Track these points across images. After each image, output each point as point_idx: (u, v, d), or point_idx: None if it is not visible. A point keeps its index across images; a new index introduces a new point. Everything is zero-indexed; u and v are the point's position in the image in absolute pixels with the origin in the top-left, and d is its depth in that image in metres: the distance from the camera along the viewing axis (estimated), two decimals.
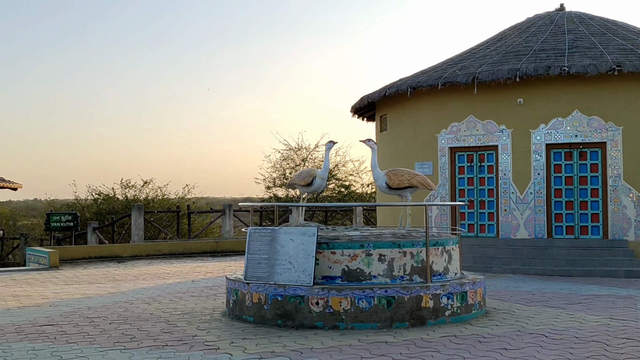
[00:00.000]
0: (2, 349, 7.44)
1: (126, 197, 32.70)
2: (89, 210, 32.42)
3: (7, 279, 14.69)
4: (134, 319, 9.33)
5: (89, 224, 25.44)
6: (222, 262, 18.41)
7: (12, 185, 27.30)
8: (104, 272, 15.98)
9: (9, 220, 39.28)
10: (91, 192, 33.76)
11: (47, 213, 27.30)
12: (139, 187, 33.47)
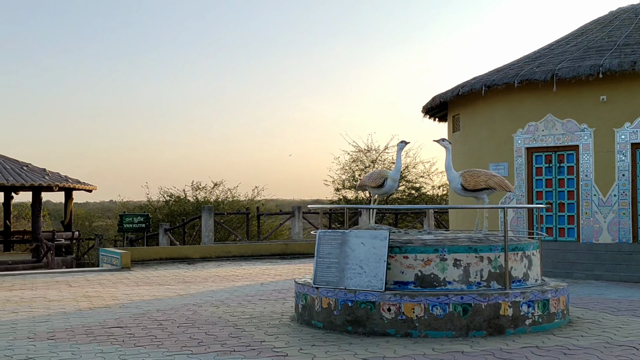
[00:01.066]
0: (71, 351, 7.39)
1: (197, 199, 33.07)
2: (161, 212, 32.94)
3: (81, 279, 14.88)
4: (202, 322, 9.19)
5: (160, 225, 25.76)
6: (291, 265, 18.24)
7: (88, 187, 27.92)
8: (174, 274, 16.02)
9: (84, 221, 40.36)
10: (163, 194, 34.33)
11: (120, 214, 27.84)
12: (209, 189, 33.84)
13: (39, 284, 14.10)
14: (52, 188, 25.99)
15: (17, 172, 25.90)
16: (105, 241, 31.11)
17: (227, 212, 28.75)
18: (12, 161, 27.27)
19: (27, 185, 25.26)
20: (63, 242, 26.64)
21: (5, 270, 20.38)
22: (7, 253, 28.44)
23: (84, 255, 31.33)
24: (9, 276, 15.82)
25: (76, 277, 15.58)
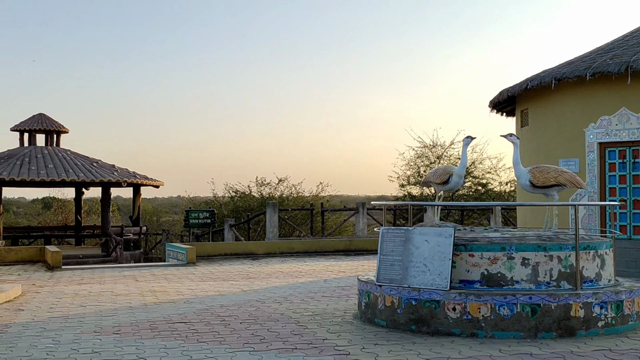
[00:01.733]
0: (135, 346, 7.46)
1: (261, 195, 33.30)
2: (226, 208, 33.30)
3: (147, 274, 15.12)
4: (264, 319, 9.17)
5: (225, 221, 26.02)
6: (355, 261, 18.13)
7: (155, 183, 28.42)
8: (239, 269, 16.11)
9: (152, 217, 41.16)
10: (228, 190, 34.70)
11: (186, 210, 28.24)
12: (274, 185, 34.03)
13: (107, 278, 14.40)
14: (120, 184, 26.57)
15: (88, 168, 26.57)
16: (172, 236, 31.63)
17: (291, 208, 28.83)
18: (82, 158, 27.99)
19: (97, 181, 25.89)
20: (131, 236, 27.21)
21: (76, 264, 20.93)
22: (78, 247, 29.25)
23: (152, 250, 31.95)
24: (79, 270, 16.21)
25: (143, 271, 15.84)
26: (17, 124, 28.33)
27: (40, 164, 26.03)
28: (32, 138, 28.23)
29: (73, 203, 33.43)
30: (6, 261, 17.66)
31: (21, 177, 24.50)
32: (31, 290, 12.33)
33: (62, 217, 38.92)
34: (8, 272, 15.60)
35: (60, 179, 25.17)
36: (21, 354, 7.08)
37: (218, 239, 27.75)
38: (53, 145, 28.44)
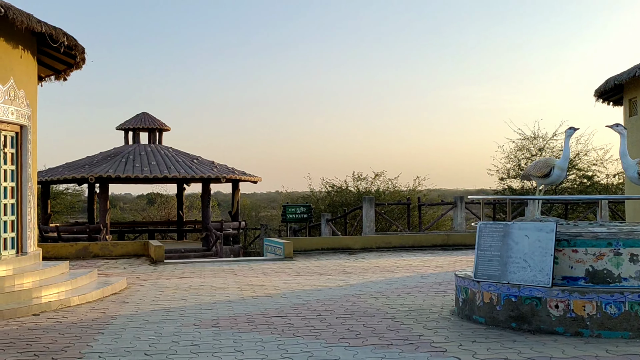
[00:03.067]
0: (233, 339, 7.57)
1: (358, 190, 33.28)
2: (323, 202, 33.47)
3: (246, 269, 15.37)
4: (360, 314, 9.12)
5: (322, 216, 26.16)
6: (453, 256, 17.81)
7: (253, 179, 28.90)
8: (335, 264, 16.14)
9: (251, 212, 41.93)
10: (325, 185, 34.86)
11: (283, 205, 28.56)
12: (370, 179, 33.93)
13: (207, 272, 14.74)
14: (220, 180, 27.17)
15: (188, 165, 27.31)
16: (270, 231, 32.12)
17: (388, 202, 28.65)
18: (183, 154, 28.81)
19: (197, 177, 26.58)
20: (231, 231, 27.78)
21: (178, 258, 21.57)
22: (180, 242, 30.15)
23: (250, 244, 32.54)
24: (181, 264, 16.68)
25: (241, 265, 16.13)
26: (122, 123, 29.47)
27: (144, 161, 26.97)
28: (136, 136, 29.28)
29: (175, 199, 34.48)
30: (113, 255, 18.40)
31: (126, 174, 25.46)
32: (135, 283, 12.77)
33: (165, 213, 40.25)
34: (114, 265, 16.24)
35: (162, 175, 26.00)
36: (125, 345, 7.32)
37: (315, 233, 27.94)
38: (156, 142, 29.40)
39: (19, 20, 10.88)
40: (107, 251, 18.49)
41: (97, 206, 27.92)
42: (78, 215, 41.54)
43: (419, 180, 34.23)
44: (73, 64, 13.97)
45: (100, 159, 27.69)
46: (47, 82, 15.12)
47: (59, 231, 25.09)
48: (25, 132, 12.37)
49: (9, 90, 11.70)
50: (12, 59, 11.82)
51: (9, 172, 12.04)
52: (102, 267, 15.63)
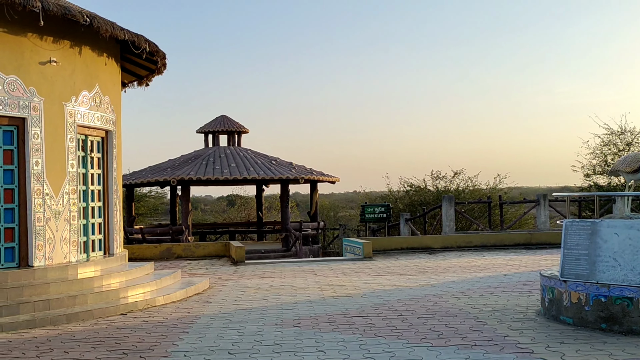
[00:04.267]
0: (315, 339, 7.59)
1: (437, 189, 32.90)
2: (402, 202, 33.23)
3: (325, 269, 15.40)
4: (442, 314, 8.98)
5: (401, 215, 25.95)
6: (537, 256, 17.35)
7: (331, 179, 28.96)
8: (415, 264, 15.98)
9: (329, 212, 42.02)
10: (403, 184, 34.61)
11: (362, 205, 28.51)
12: (449, 178, 33.48)
13: (287, 272, 14.84)
14: (298, 180, 27.33)
15: (267, 166, 27.60)
16: (349, 231, 32.11)
17: (467, 201, 28.19)
18: (262, 156, 29.14)
19: (276, 178, 26.82)
20: (310, 232, 27.91)
21: (258, 258, 21.82)
22: (260, 242, 30.50)
23: (329, 244, 32.60)
24: (261, 264, 16.86)
25: (321, 265, 16.17)
26: (202, 126, 30.04)
27: (224, 163, 27.41)
28: (216, 139, 29.79)
29: (254, 200, 34.91)
30: (195, 256, 18.78)
31: (207, 176, 25.94)
32: (217, 283, 12.97)
33: (245, 214, 40.80)
34: (197, 266, 16.56)
35: (242, 177, 26.35)
36: (209, 344, 7.43)
37: (394, 233, 27.77)
38: (235, 145, 29.84)
39: (104, 28, 11.22)
40: (189, 252, 18.88)
41: (179, 208, 28.55)
42: (161, 217, 42.63)
43: (499, 178, 33.54)
44: (155, 69, 14.32)
45: (181, 162, 28.31)
46: (130, 87, 15.57)
47: (143, 233, 25.79)
48: (110, 137, 12.76)
49: (95, 97, 12.09)
50: (97, 66, 12.21)
51: (95, 176, 12.44)
52: (185, 267, 15.96)
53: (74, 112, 11.52)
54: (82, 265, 11.35)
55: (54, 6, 10.22)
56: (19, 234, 10.68)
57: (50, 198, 10.96)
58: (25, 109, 10.63)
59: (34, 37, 10.74)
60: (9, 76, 10.40)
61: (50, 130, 11.00)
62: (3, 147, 10.57)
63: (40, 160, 10.83)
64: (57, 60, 11.07)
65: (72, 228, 11.41)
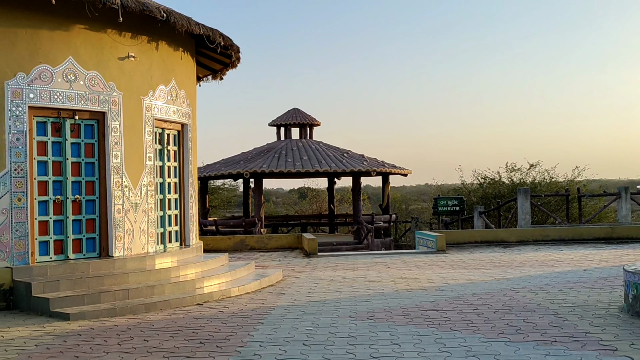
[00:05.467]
0: (389, 332, 7.53)
1: (512, 181, 32.25)
2: (475, 195, 32.73)
3: (398, 262, 15.29)
4: (519, 309, 8.77)
5: (475, 208, 25.56)
6: (618, 250, 16.78)
7: (403, 172, 28.74)
8: (490, 257, 15.69)
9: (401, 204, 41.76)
10: (476, 177, 34.08)
11: (434, 197, 28.21)
12: (524, 170, 32.77)
13: (359, 264, 14.80)
14: (370, 173, 27.23)
15: (339, 159, 27.61)
16: (421, 224, 31.83)
17: (544, 194, 27.51)
18: (333, 149, 29.16)
19: (348, 171, 26.79)
20: (381, 224, 27.80)
21: (330, 251, 21.87)
22: (332, 235, 30.57)
23: (401, 237, 32.40)
24: (333, 257, 16.87)
25: (393, 258, 16.06)
26: (274, 119, 30.28)
27: (296, 156, 27.57)
28: (288, 132, 29.98)
29: (326, 192, 35.00)
30: (268, 248, 18.96)
31: (279, 169, 26.15)
32: (290, 275, 13.05)
33: (317, 206, 40.97)
34: (270, 258, 16.71)
35: (314, 169, 26.44)
36: (284, 335, 7.47)
37: (467, 226, 27.37)
38: (306, 137, 29.97)
39: (180, 24, 11.41)
40: (262, 244, 19.07)
41: (251, 200, 28.89)
42: (234, 209, 43.27)
43: (578, 170, 32.64)
44: (229, 63, 14.49)
45: (254, 155, 28.62)
46: (204, 81, 15.81)
47: (217, 225, 26.22)
48: (186, 130, 12.99)
49: (171, 91, 12.32)
50: (173, 61, 12.43)
51: (172, 169, 12.69)
52: (258, 259, 16.13)
53: (151, 106, 11.77)
54: (160, 256, 11.60)
55: (132, 3, 10.45)
56: (99, 225, 11.01)
57: (129, 190, 11.24)
58: (105, 104, 10.93)
59: (113, 33, 11.01)
60: (90, 72, 10.70)
61: (128, 123, 11.27)
62: (84, 140, 10.90)
63: (120, 153, 11.11)
64: (135, 55, 11.33)
65: (150, 219, 11.67)
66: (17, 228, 9.91)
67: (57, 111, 10.46)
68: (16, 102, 9.93)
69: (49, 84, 10.24)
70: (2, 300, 9.48)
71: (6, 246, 9.80)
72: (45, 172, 10.45)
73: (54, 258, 10.53)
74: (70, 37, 10.48)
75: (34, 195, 10.24)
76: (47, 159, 10.47)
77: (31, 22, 10.08)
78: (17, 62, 9.94)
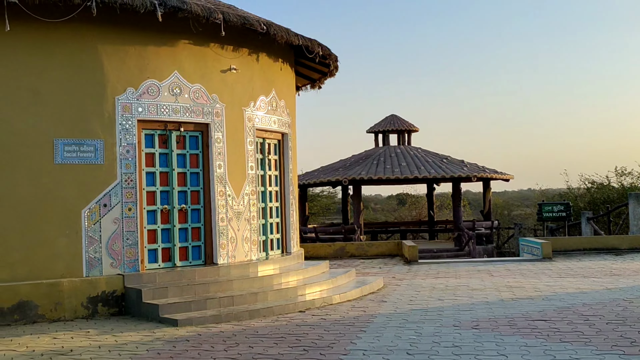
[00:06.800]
0: (495, 342, 7.35)
1: (622, 185, 30.90)
2: (582, 200, 31.57)
3: (502, 269, 14.93)
4: (634, 320, 8.37)
5: (582, 214, 24.66)
6: None
7: (505, 177, 28.09)
8: (600, 265, 15.07)
9: (503, 210, 40.78)
10: (583, 181, 32.88)
11: (538, 203, 27.40)
12: (636, 174, 31.34)
13: (461, 272, 14.55)
14: (470, 179, 26.75)
15: (438, 164, 27.27)
16: (525, 230, 30.94)
17: None
18: (432, 154, 28.83)
19: (447, 176, 26.42)
20: (483, 231, 27.22)
21: (431, 258, 21.59)
22: (432, 241, 30.21)
23: (504, 244, 31.63)
24: (434, 264, 16.66)
25: (497, 266, 15.69)
26: (372, 126, 30.25)
27: (394, 162, 27.43)
28: (386, 138, 29.87)
29: (425, 199, 34.65)
30: (368, 255, 18.92)
31: (378, 176, 26.08)
32: (391, 282, 12.97)
33: (416, 213, 40.62)
34: (370, 265, 16.68)
35: (412, 176, 26.23)
36: (387, 344, 7.42)
37: (574, 233, 26.42)
38: (404, 144, 29.77)
39: (279, 35, 11.60)
40: (362, 251, 19.06)
41: (350, 207, 28.95)
42: (333, 216, 43.51)
43: None
44: (327, 72, 14.61)
45: (352, 162, 28.68)
46: (303, 91, 16.00)
47: (317, 232, 26.41)
48: (286, 139, 13.18)
49: (272, 101, 12.53)
50: (273, 72, 12.65)
51: (273, 178, 12.90)
52: (358, 266, 16.13)
53: (252, 116, 12.01)
54: (262, 263, 11.80)
55: (233, 17, 10.72)
56: (204, 233, 11.31)
57: (232, 199, 11.50)
58: (208, 115, 11.24)
59: (216, 46, 11.32)
60: (194, 85, 11.04)
61: (231, 134, 11.55)
62: (190, 151, 11.24)
63: (223, 163, 11.39)
64: (236, 67, 11.61)
65: (252, 227, 11.89)
66: (127, 237, 10.32)
67: (164, 124, 10.85)
68: (126, 116, 10.37)
69: (156, 98, 10.63)
70: (115, 306, 9.89)
71: (118, 254, 10.23)
72: (153, 183, 10.84)
73: (162, 265, 10.90)
74: (175, 52, 10.86)
75: (143, 205, 10.64)
76: (154, 170, 10.86)
77: (140, 39, 10.51)
78: (127, 78, 10.38)
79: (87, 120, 10.08)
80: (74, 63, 10.04)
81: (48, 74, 9.88)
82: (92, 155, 10.09)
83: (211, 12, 10.44)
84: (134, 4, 9.73)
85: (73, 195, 9.95)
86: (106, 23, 10.08)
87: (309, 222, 30.82)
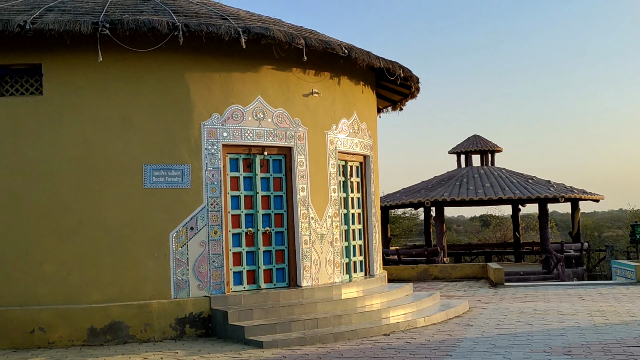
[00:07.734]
0: None
1: None
2: None
3: (594, 293, 14.41)
4: None
5: None
6: None
7: (594, 197, 27.20)
8: None
9: (593, 232, 39.41)
10: None
11: (631, 224, 26.40)
12: None
13: (550, 295, 14.11)
14: (557, 199, 26.04)
15: (523, 185, 26.67)
16: (617, 252, 29.80)
17: None
18: (517, 175, 28.22)
19: (533, 197, 25.78)
20: (572, 253, 26.37)
21: (517, 280, 21.04)
22: (517, 264, 29.46)
23: (595, 267, 30.53)
24: (521, 287, 16.23)
25: (588, 290, 15.15)
26: (454, 147, 29.91)
27: (477, 183, 26.99)
28: (468, 159, 29.47)
29: (510, 220, 33.87)
30: (451, 277, 18.62)
31: (461, 197, 25.72)
32: (477, 306, 12.70)
33: (501, 234, 39.74)
34: (454, 288, 16.40)
35: (497, 197, 25.74)
36: None
37: None
38: (488, 164, 29.27)
39: (360, 58, 11.66)
40: (446, 274, 18.78)
41: (432, 229, 28.61)
42: (415, 237, 43.09)
43: None
44: (408, 93, 14.55)
45: (434, 183, 28.39)
46: (384, 112, 15.99)
47: (399, 254, 26.20)
48: (368, 161, 13.18)
49: (353, 124, 12.57)
50: (354, 94, 12.70)
51: (355, 200, 12.90)
52: (442, 289, 15.89)
53: (334, 139, 12.08)
54: (345, 285, 11.78)
55: (315, 41, 10.85)
56: (288, 255, 11.40)
57: (315, 221, 11.56)
58: (291, 139, 11.37)
59: (298, 71, 11.47)
60: (277, 109, 11.20)
61: (313, 157, 11.64)
62: (273, 175, 11.38)
63: (305, 186, 11.48)
64: (318, 91, 11.72)
65: (335, 250, 11.91)
66: (213, 259, 10.51)
67: (248, 148, 11.04)
68: (211, 141, 10.61)
69: (240, 123, 10.85)
70: (202, 327, 10.07)
71: (204, 276, 10.42)
72: (237, 206, 11.02)
73: (247, 287, 11.03)
74: (259, 78, 11.06)
75: (228, 228, 10.83)
76: (239, 194, 11.05)
77: (224, 66, 10.77)
78: (212, 104, 10.64)
79: (174, 146, 10.37)
80: (162, 90, 10.38)
81: (137, 101, 10.25)
82: (179, 179, 10.37)
83: (293, 37, 10.60)
84: (219, 32, 10.00)
85: (161, 218, 10.23)
86: (192, 51, 10.39)
87: (391, 244, 30.61)
